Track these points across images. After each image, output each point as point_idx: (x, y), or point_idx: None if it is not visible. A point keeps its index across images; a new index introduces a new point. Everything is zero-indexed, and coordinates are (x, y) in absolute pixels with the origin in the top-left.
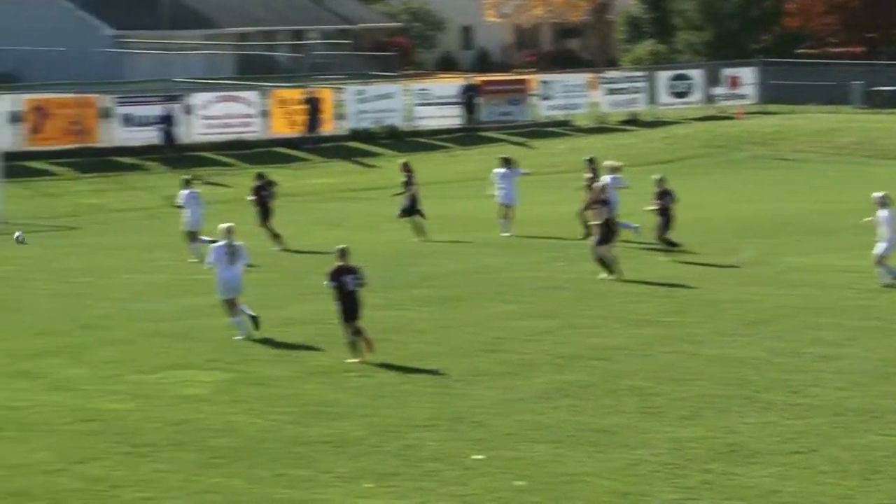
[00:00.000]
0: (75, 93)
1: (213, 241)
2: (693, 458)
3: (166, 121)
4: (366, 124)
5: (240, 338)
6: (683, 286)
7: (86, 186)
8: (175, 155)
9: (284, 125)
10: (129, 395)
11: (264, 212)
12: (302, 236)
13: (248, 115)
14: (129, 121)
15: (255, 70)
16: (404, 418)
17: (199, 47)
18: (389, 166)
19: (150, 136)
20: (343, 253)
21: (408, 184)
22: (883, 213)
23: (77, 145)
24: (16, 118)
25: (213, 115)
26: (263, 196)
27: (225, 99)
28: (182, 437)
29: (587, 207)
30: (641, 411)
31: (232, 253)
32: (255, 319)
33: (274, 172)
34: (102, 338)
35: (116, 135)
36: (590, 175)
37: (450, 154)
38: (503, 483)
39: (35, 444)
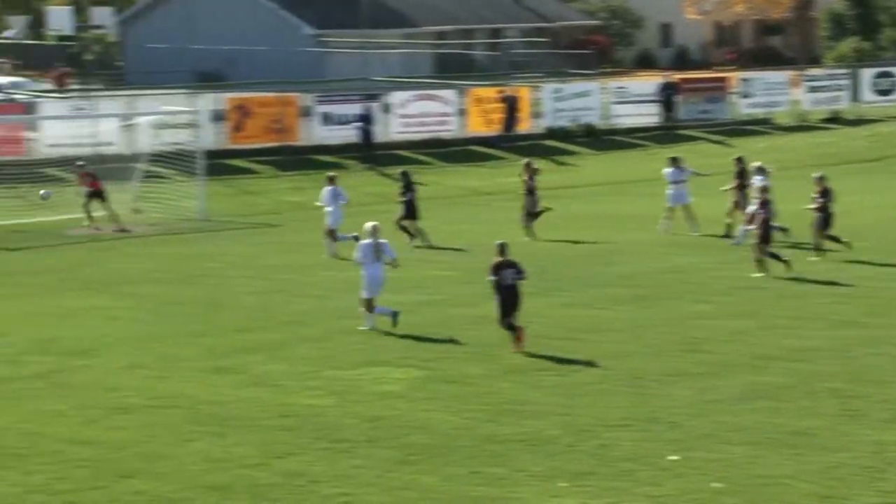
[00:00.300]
0: (276, 92)
1: (355, 238)
2: (894, 461)
3: (364, 119)
4: (562, 122)
5: (365, 328)
6: (885, 287)
7: (286, 184)
8: (372, 153)
9: (481, 124)
10: (326, 391)
11: (409, 210)
12: (496, 235)
13: (445, 114)
14: (328, 119)
15: (452, 68)
16: (599, 417)
17: (397, 46)
18: (586, 165)
19: (348, 134)
20: (502, 248)
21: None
22: None
23: (277, 143)
24: (219, 117)
25: (410, 114)
26: (409, 195)
27: (422, 97)
28: (378, 434)
29: (737, 207)
30: (841, 414)
31: (377, 250)
32: (395, 316)
33: (469, 171)
34: (300, 334)
35: (315, 133)
36: (739, 174)
37: (647, 152)
38: (699, 484)
39: (235, 439)
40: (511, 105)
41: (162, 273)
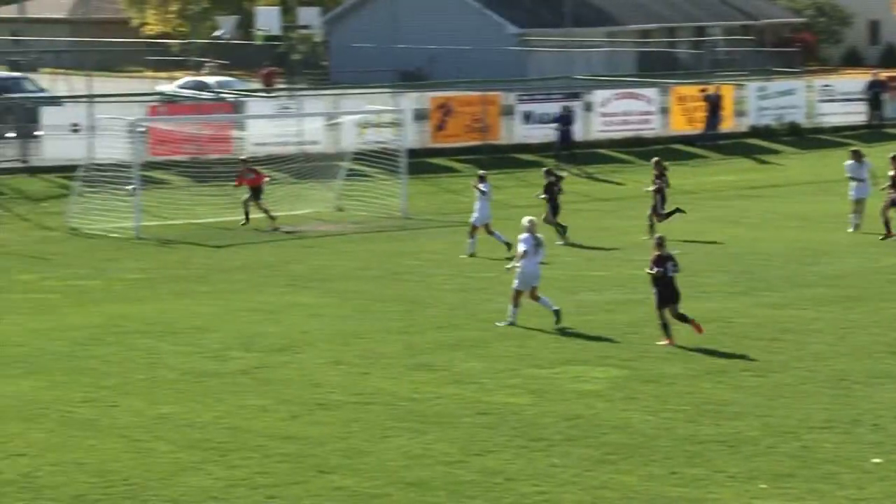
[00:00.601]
0: (479, 90)
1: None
2: None
3: (563, 120)
4: (766, 121)
5: (502, 324)
6: None
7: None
8: (571, 153)
9: (683, 122)
10: (525, 390)
11: (554, 207)
12: (699, 234)
13: (648, 113)
14: (528, 118)
15: (655, 67)
16: (800, 419)
17: (600, 45)
18: (790, 164)
19: (548, 133)
20: (661, 242)
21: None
22: None
23: (479, 142)
24: (421, 116)
25: (612, 113)
26: (555, 192)
27: (624, 96)
28: (576, 433)
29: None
30: None
31: (536, 245)
32: (557, 313)
33: (672, 169)
34: (499, 332)
35: (516, 132)
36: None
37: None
38: None
39: (434, 436)
40: (714, 103)
41: (364, 270)
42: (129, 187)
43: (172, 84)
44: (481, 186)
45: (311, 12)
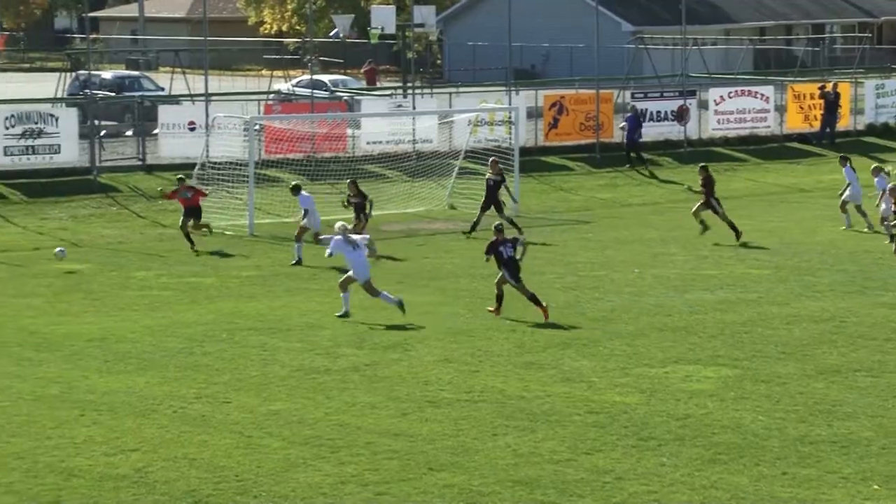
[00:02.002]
0: (593, 88)
1: None
2: None
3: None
4: (884, 119)
5: (339, 313)
6: None
7: (599, 181)
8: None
9: (800, 120)
10: (634, 389)
11: (708, 203)
12: (813, 232)
13: (763, 111)
14: (642, 116)
15: (771, 64)
16: None
17: (716, 42)
18: None
19: (662, 131)
20: (499, 229)
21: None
22: None
23: (592, 140)
24: (534, 114)
25: (727, 111)
26: (710, 189)
27: (740, 93)
28: (686, 432)
29: None
30: None
31: (352, 245)
32: (400, 304)
33: (787, 168)
34: (610, 331)
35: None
36: None
37: None
38: None
39: (544, 434)
40: (832, 101)
41: (475, 268)
42: (57, 250)
43: (288, 83)
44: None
45: (427, 10)
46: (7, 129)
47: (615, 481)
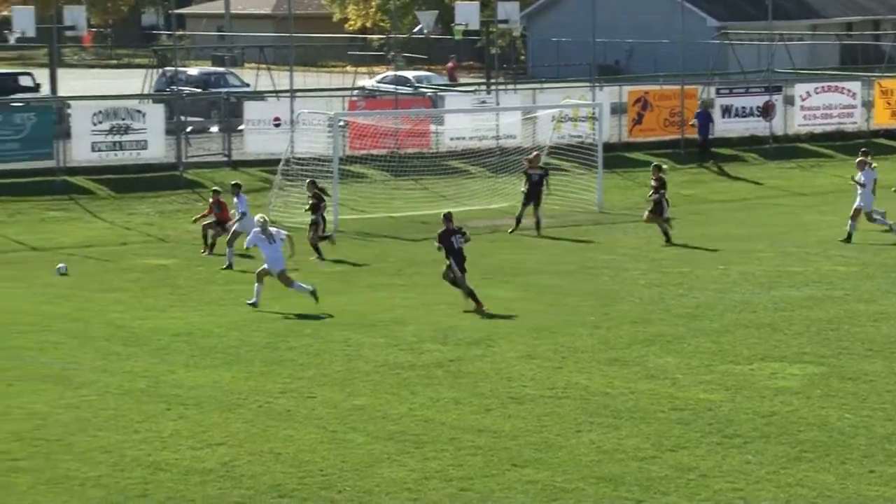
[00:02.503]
0: (677, 84)
1: None
2: None
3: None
4: None
5: (250, 301)
6: None
7: (683, 177)
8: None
9: (887, 116)
10: (719, 386)
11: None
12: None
13: (850, 106)
14: (728, 112)
15: (859, 60)
16: None
17: (803, 37)
18: None
19: (748, 126)
20: (448, 217)
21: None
22: None
23: (676, 136)
24: (618, 110)
25: (813, 106)
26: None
27: (826, 89)
28: (771, 430)
29: None
30: None
31: (269, 238)
32: (314, 293)
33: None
34: (695, 328)
35: (716, 126)
36: None
37: None
38: None
39: (628, 431)
40: None
41: (560, 265)
42: (59, 266)
43: (372, 79)
44: None
45: (511, 6)
46: (95, 125)
47: (700, 479)
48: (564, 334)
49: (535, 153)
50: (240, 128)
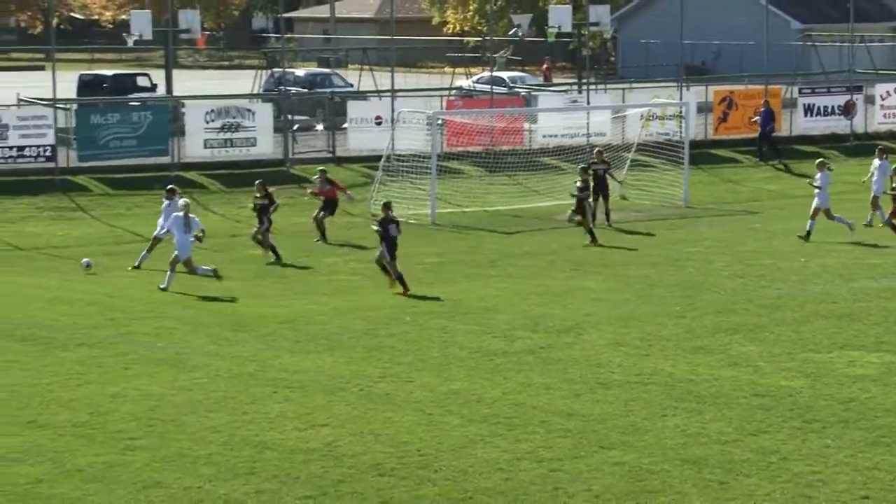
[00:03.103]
0: (761, 84)
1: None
2: None
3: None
4: None
5: (162, 286)
6: None
7: (766, 173)
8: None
9: None
10: (800, 373)
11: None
12: None
13: None
14: (810, 111)
15: None
16: None
17: (883, 39)
18: None
19: (829, 125)
20: (387, 206)
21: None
22: None
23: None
24: (704, 109)
25: (893, 105)
26: (593, 189)
27: None
28: (850, 415)
29: None
30: None
31: (186, 223)
32: (215, 272)
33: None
34: (776, 317)
35: (798, 124)
36: None
37: None
38: None
39: (711, 416)
40: None
41: (647, 257)
42: (83, 261)
43: (469, 79)
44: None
45: (602, 10)
46: (207, 123)
47: (780, 462)
48: (651, 323)
49: (597, 149)
50: (343, 126)
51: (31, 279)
